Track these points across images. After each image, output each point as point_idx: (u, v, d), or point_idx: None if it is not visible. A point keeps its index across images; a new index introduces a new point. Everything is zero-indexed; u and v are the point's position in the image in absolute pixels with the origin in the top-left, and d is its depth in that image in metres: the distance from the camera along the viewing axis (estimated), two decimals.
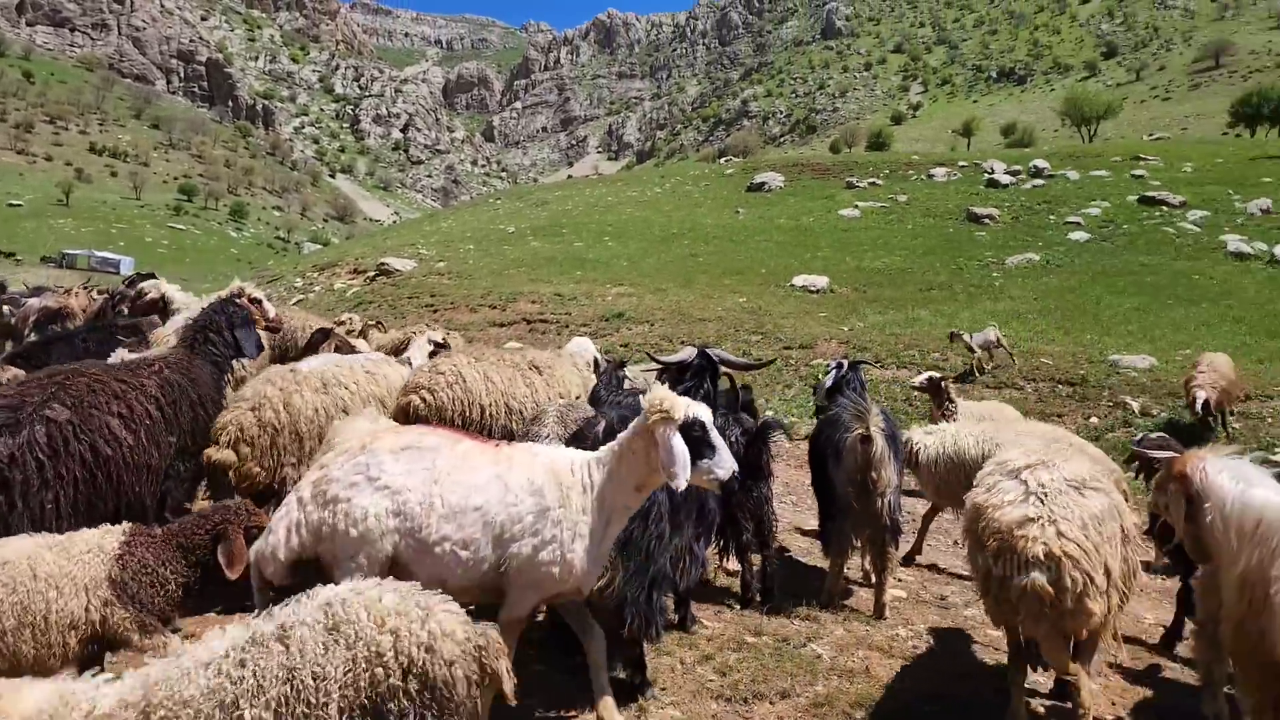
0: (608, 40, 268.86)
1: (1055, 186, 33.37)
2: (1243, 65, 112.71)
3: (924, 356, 13.31)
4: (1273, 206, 27.31)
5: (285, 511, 3.45)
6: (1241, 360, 12.35)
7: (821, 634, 4.48)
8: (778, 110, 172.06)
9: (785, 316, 17.08)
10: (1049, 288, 19.84)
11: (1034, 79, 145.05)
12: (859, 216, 31.34)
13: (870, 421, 4.51)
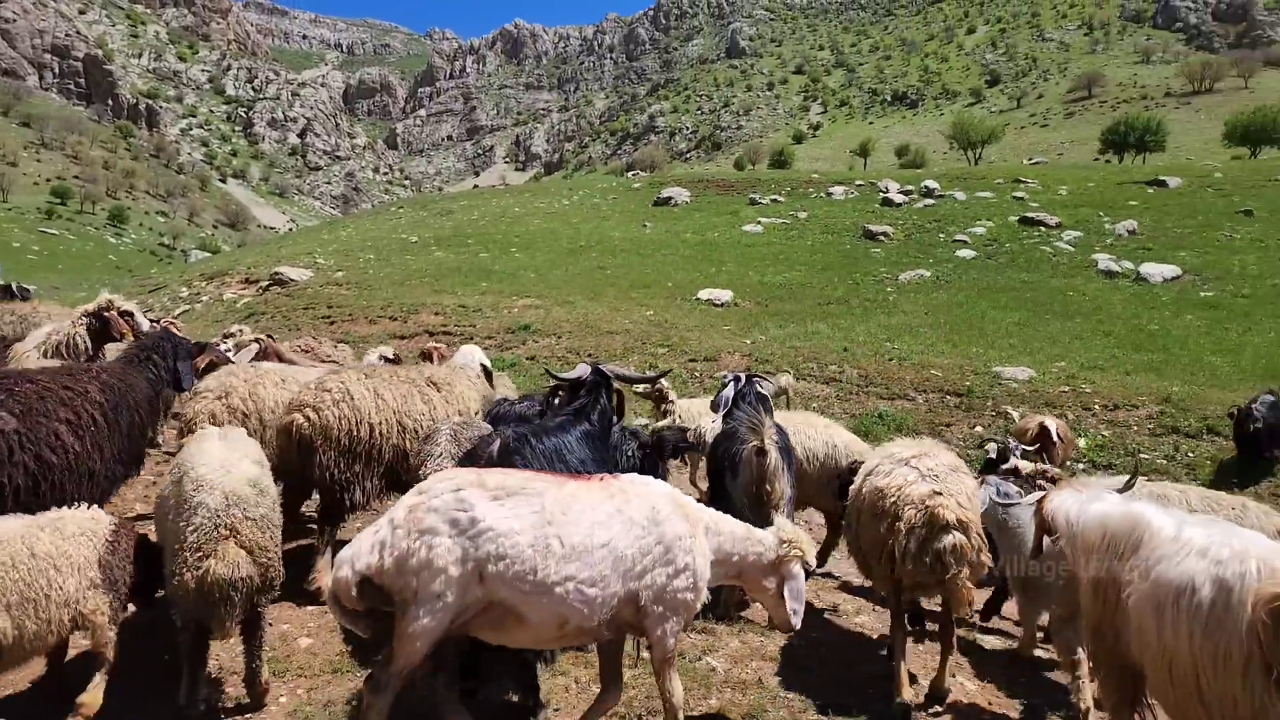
0: (515, 51, 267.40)
1: (944, 206, 35.08)
2: (1111, 96, 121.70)
3: (822, 369, 13.70)
4: (1138, 228, 29.50)
5: (376, 527, 3.24)
6: (1111, 372, 13.23)
7: (717, 646, 4.51)
8: (684, 126, 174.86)
9: (691, 329, 17.29)
10: (938, 303, 20.78)
11: (925, 103, 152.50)
12: (762, 232, 32.11)
13: (765, 434, 4.59)
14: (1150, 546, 3.07)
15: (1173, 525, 3.11)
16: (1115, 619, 3.18)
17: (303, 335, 14.75)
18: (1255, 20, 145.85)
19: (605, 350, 15.64)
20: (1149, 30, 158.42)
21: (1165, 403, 11.23)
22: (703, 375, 14.10)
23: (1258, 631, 2.58)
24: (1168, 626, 2.87)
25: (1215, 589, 2.75)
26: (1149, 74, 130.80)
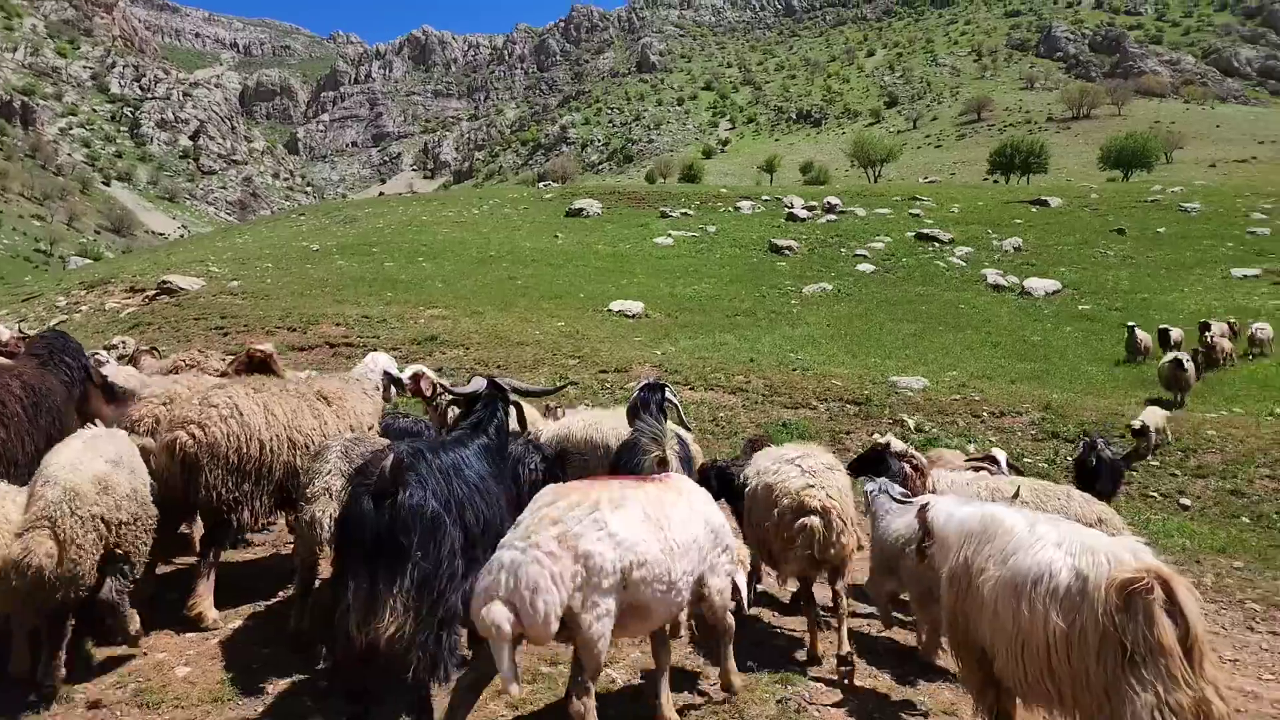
0: (423, 57, 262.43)
1: (846, 222, 36.33)
2: (999, 120, 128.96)
3: (729, 379, 13.92)
4: (1023, 245, 31.29)
5: (533, 560, 3.28)
6: (998, 380, 13.94)
7: (618, 658, 4.50)
8: (596, 138, 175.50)
9: (603, 340, 17.30)
10: (840, 315, 21.47)
11: (828, 122, 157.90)
12: (672, 245, 32.49)
13: (665, 444, 4.64)
14: (1004, 540, 3.42)
15: (1025, 522, 3.49)
16: (966, 605, 3.57)
17: (192, 347, 14.03)
18: (1127, 52, 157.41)
19: (515, 362, 15.48)
20: (1033, 58, 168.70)
21: (1046, 409, 11.91)
22: (614, 386, 14.11)
23: (1110, 611, 2.95)
24: (1024, 609, 3.18)
25: (1072, 577, 3.09)
26: (1033, 100, 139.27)
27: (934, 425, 11.70)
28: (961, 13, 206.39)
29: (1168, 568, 3.09)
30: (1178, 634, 2.94)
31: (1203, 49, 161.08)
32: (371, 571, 3.56)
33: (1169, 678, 2.90)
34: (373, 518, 3.59)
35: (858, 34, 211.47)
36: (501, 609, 3.18)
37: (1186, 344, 16.75)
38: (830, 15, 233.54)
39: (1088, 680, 3.00)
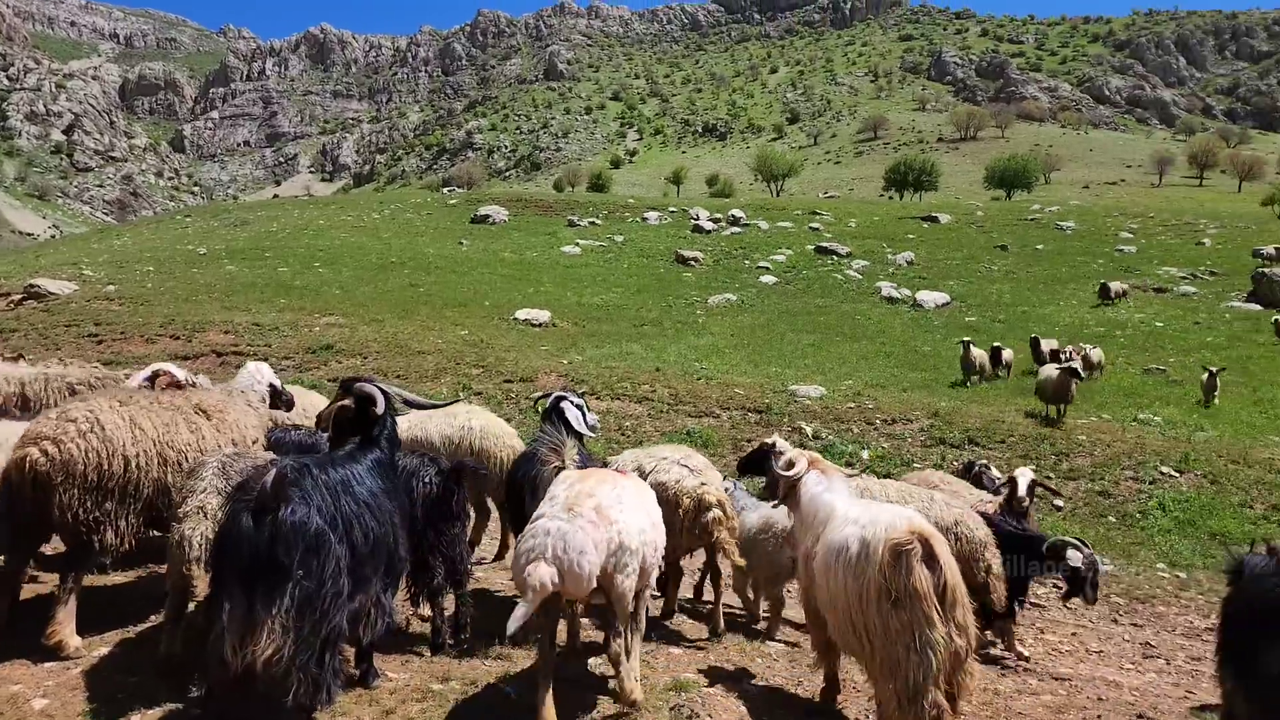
0: (321, 56, 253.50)
1: (749, 234, 37.18)
2: (894, 139, 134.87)
3: (635, 388, 13.97)
4: (915, 259, 32.74)
5: (577, 528, 3.77)
6: (890, 389, 14.48)
7: (512, 671, 4.43)
8: (503, 144, 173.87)
9: (508, 349, 17.07)
10: (743, 325, 21.90)
11: (733, 136, 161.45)
12: (580, 254, 32.45)
13: (566, 454, 4.60)
14: (830, 524, 4.05)
15: (844, 506, 4.12)
16: (811, 585, 4.21)
17: (63, 355, 13.08)
18: (1010, 78, 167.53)
19: (416, 371, 15.10)
20: (925, 81, 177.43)
21: (935, 417, 12.46)
22: (519, 396, 13.95)
23: (883, 568, 3.54)
24: (834, 578, 3.80)
25: (860, 545, 3.70)
26: (925, 120, 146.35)
27: (830, 432, 12.06)
28: (859, 35, 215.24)
29: (931, 529, 3.70)
30: (933, 582, 3.53)
31: (1078, 77, 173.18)
32: (249, 592, 3.39)
33: (924, 618, 3.48)
34: (251, 535, 3.41)
35: (761, 51, 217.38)
36: (547, 568, 3.64)
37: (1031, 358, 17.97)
38: (735, 31, 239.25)
39: (871, 628, 3.59)
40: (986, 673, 5.42)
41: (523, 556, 3.74)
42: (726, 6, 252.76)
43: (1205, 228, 40.44)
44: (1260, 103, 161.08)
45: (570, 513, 3.83)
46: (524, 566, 3.67)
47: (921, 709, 3.43)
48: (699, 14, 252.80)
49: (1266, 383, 16.86)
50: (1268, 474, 10.35)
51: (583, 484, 4.08)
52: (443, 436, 6.70)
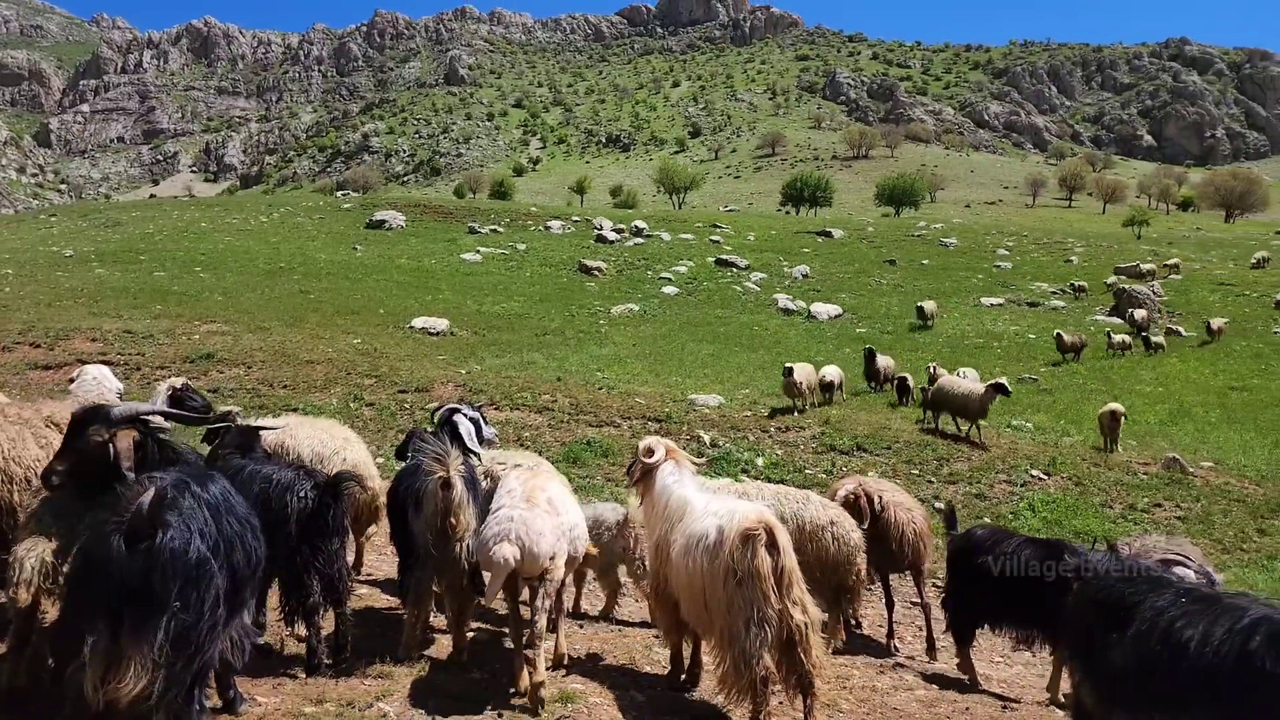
0: (205, 50, 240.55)
1: (652, 245, 37.56)
2: (791, 155, 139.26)
3: (536, 398, 13.83)
4: (810, 272, 33.82)
5: (544, 521, 4.41)
6: (784, 398, 14.84)
7: (392, 690, 4.29)
8: (401, 148, 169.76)
9: (403, 359, 16.61)
10: (645, 335, 22.06)
11: (636, 148, 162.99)
12: (480, 261, 32.00)
13: (450, 465, 4.49)
14: (688, 517, 4.42)
15: (703, 500, 4.49)
16: (665, 568, 4.57)
17: None
18: (899, 100, 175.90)
19: (304, 382, 14.50)
20: (820, 100, 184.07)
21: (826, 425, 12.87)
22: (413, 407, 13.58)
23: (732, 552, 3.98)
24: (692, 562, 4.21)
25: (717, 533, 4.12)
26: (820, 138, 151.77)
27: (727, 440, 12.26)
28: (758, 53, 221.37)
29: (775, 520, 4.17)
30: (772, 565, 3.98)
31: (960, 102, 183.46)
32: (115, 623, 3.08)
33: (761, 595, 3.95)
34: (123, 562, 3.10)
35: (664, 65, 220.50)
36: (512, 548, 4.23)
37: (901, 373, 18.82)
38: (638, 44, 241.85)
39: (719, 606, 4.03)
40: (866, 670, 5.62)
41: (490, 539, 4.30)
42: (629, 19, 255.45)
43: (1073, 246, 43.48)
44: (1122, 130, 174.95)
45: (529, 502, 4.41)
46: (490, 547, 4.25)
47: (753, 671, 3.91)
48: (602, 25, 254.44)
49: (1126, 391, 18.19)
50: (1125, 476, 11.16)
51: (535, 480, 4.65)
52: (314, 451, 6.35)
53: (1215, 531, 9.55)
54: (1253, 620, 2.85)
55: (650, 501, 4.78)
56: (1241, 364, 21.68)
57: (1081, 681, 3.51)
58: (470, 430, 5.17)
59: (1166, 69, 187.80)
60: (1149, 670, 3.06)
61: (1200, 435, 14.40)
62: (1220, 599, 3.07)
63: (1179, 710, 2.96)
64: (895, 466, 11.52)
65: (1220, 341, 23.67)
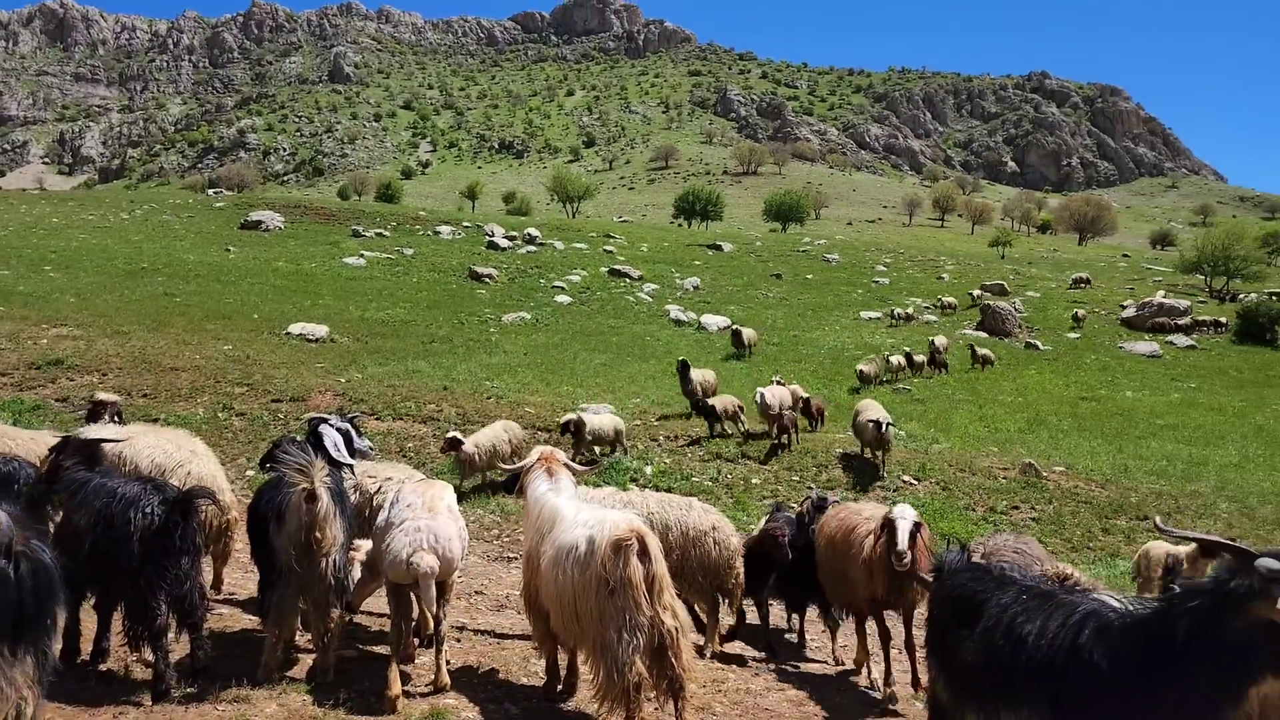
0: (60, 33, 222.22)
1: (545, 254, 37.33)
2: (684, 169, 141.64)
3: (420, 407, 13.46)
4: (701, 284, 34.44)
5: (451, 527, 4.68)
6: (675, 407, 15.03)
7: (249, 715, 4.06)
8: (281, 146, 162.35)
9: (278, 366, 15.83)
10: (537, 344, 21.86)
11: (530, 155, 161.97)
12: (365, 266, 30.94)
13: (315, 476, 4.28)
14: (558, 527, 4.40)
15: (572, 510, 4.48)
16: (536, 579, 4.57)
17: None
18: (787, 119, 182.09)
19: (167, 390, 13.60)
20: (712, 116, 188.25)
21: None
22: (288, 416, 12.94)
23: (604, 562, 4.00)
24: (562, 574, 4.19)
25: (587, 544, 4.11)
26: (711, 153, 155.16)
27: (617, 449, 12.28)
28: (652, 66, 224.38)
29: (646, 528, 4.21)
30: (644, 573, 4.03)
31: (843, 124, 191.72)
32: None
33: (634, 603, 3.99)
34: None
35: (558, 73, 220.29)
36: (432, 556, 4.43)
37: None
38: (532, 51, 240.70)
39: (590, 615, 4.04)
40: (742, 673, 5.73)
41: (403, 550, 4.43)
42: (524, 25, 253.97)
43: (945, 264, 46.12)
44: (989, 156, 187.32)
45: (431, 511, 4.63)
46: (407, 558, 4.40)
47: (626, 679, 3.92)
48: (496, 30, 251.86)
49: (990, 400, 19.40)
50: (987, 480, 11.88)
51: (431, 490, 4.87)
52: (154, 462, 5.96)
53: (1065, 531, 10.27)
54: (1083, 615, 3.06)
55: (526, 511, 4.79)
56: (1091, 376, 23.52)
57: (936, 677, 3.68)
58: (338, 440, 4.92)
59: (1029, 100, 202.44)
60: (994, 664, 3.24)
61: (1054, 442, 15.49)
62: (1055, 595, 3.27)
63: (1021, 702, 3.14)
64: (778, 474, 11.85)
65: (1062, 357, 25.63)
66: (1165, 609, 2.94)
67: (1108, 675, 2.91)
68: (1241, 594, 2.74)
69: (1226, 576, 2.83)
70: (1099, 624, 3.00)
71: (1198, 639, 2.79)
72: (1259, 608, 2.70)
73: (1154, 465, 14.05)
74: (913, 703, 5.52)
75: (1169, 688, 2.83)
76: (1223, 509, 11.47)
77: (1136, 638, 2.92)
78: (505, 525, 10.10)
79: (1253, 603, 2.71)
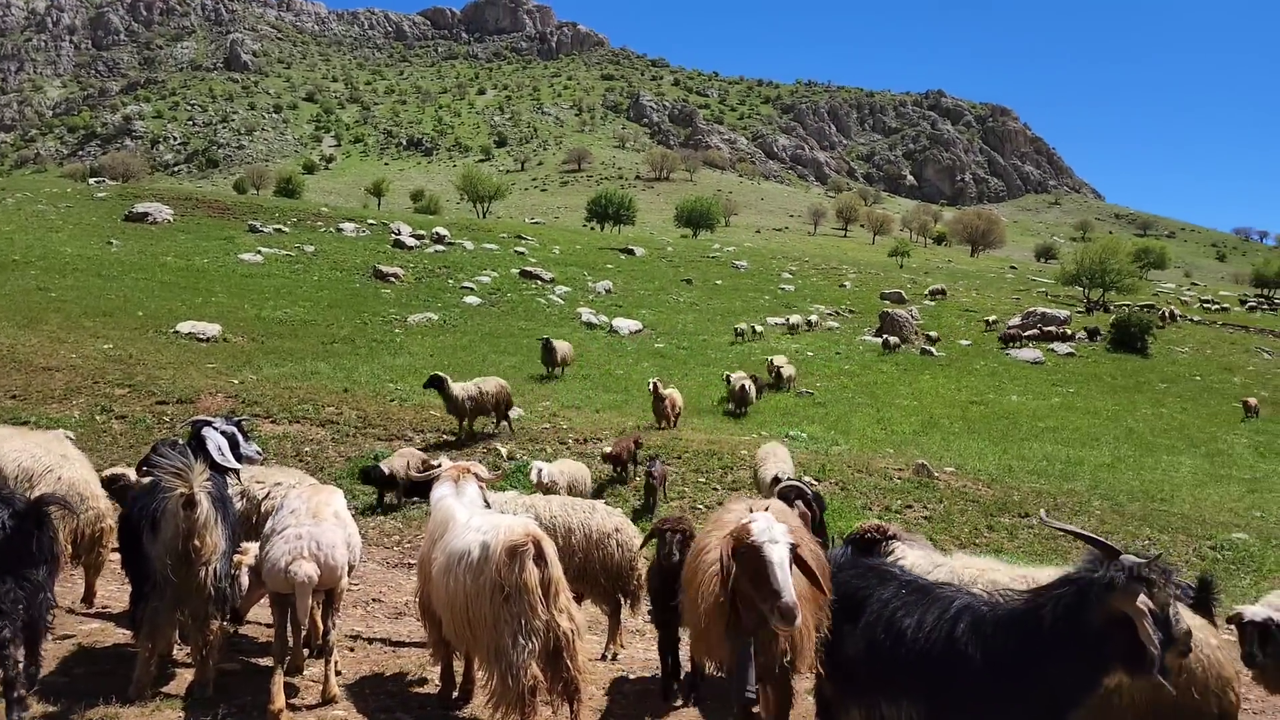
0: None
1: (454, 254, 36.64)
2: (597, 172, 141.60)
3: (319, 410, 13.02)
4: (613, 287, 34.49)
5: (335, 534, 4.57)
6: (585, 409, 15.02)
7: None
8: (171, 135, 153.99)
9: (164, 367, 15.02)
10: (444, 345, 21.46)
11: (439, 153, 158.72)
12: (262, 263, 29.68)
13: (194, 481, 4.07)
14: (450, 532, 4.34)
15: (465, 514, 4.43)
16: (428, 587, 4.55)
17: None
18: (698, 127, 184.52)
19: (39, 391, 12.72)
20: (625, 121, 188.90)
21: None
22: (174, 419, 12.29)
23: (499, 567, 3.96)
24: (454, 580, 4.14)
25: (481, 549, 4.06)
26: (624, 158, 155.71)
27: (525, 452, 12.20)
28: (565, 68, 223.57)
29: (542, 534, 4.19)
30: (540, 577, 4.00)
31: (752, 133, 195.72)
32: None
33: (529, 608, 3.96)
34: None
35: (469, 71, 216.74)
36: (311, 565, 4.28)
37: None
38: (442, 48, 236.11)
39: (486, 622, 3.99)
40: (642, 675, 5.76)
41: (281, 559, 4.29)
42: (433, 21, 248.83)
43: (847, 272, 47.68)
44: (890, 170, 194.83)
45: (316, 518, 4.52)
46: (286, 567, 4.26)
47: (521, 683, 3.89)
48: (404, 24, 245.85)
49: (887, 404, 20.17)
50: (883, 480, 12.33)
51: (318, 496, 4.78)
52: (19, 466, 5.60)
53: (954, 529, 10.77)
54: (958, 609, 3.21)
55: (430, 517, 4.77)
56: (980, 381, 24.76)
57: (822, 673, 3.78)
58: (222, 444, 4.69)
59: (926, 117, 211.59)
60: (875, 659, 3.36)
61: (945, 443, 16.23)
62: (933, 589, 3.42)
63: (901, 695, 3.27)
64: (684, 475, 11.99)
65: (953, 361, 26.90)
66: (1034, 601, 3.12)
67: (981, 666, 3.06)
68: (1102, 587, 2.93)
69: (1090, 570, 3.03)
70: (973, 618, 3.15)
71: (1062, 629, 2.97)
72: (1117, 601, 2.89)
73: (1035, 465, 14.90)
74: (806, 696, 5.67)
75: (1036, 676, 3.01)
76: (1095, 506, 12.26)
77: (1008, 629, 3.08)
78: (407, 531, 9.88)
79: (1112, 596, 2.91)
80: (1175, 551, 10.50)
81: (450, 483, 4.72)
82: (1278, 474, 16.63)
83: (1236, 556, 10.46)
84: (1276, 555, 10.55)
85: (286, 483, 5.71)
